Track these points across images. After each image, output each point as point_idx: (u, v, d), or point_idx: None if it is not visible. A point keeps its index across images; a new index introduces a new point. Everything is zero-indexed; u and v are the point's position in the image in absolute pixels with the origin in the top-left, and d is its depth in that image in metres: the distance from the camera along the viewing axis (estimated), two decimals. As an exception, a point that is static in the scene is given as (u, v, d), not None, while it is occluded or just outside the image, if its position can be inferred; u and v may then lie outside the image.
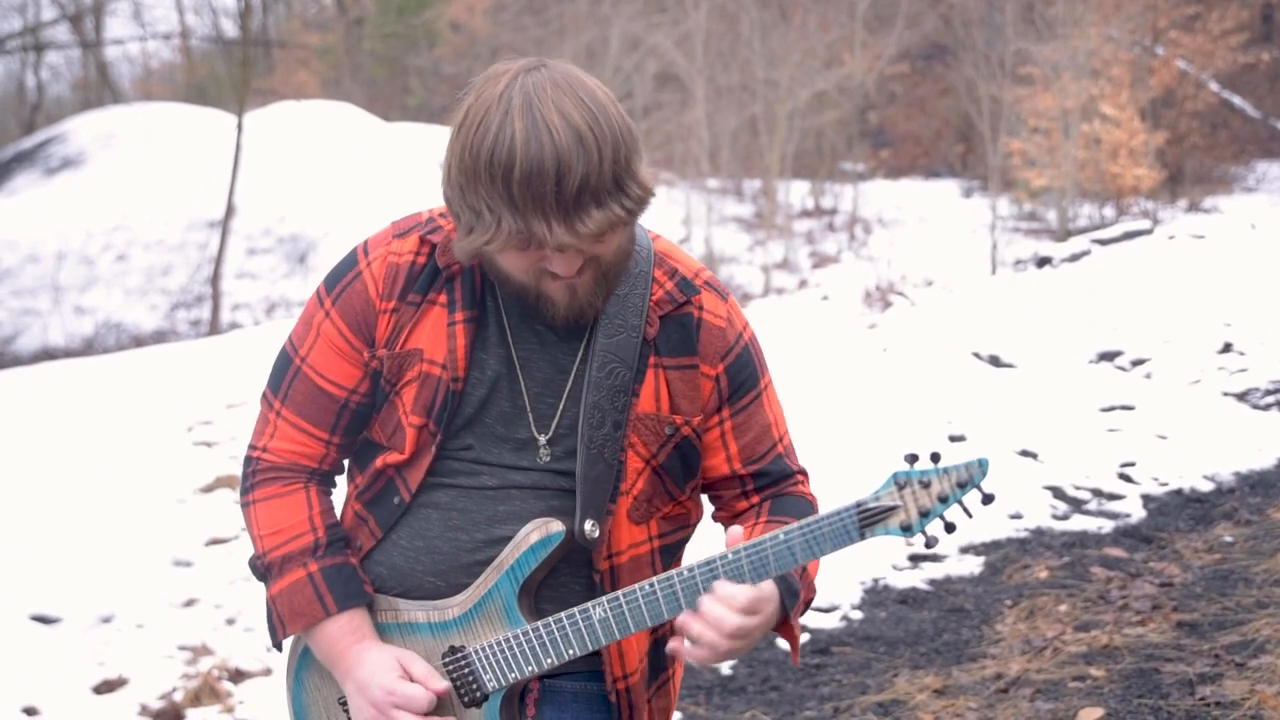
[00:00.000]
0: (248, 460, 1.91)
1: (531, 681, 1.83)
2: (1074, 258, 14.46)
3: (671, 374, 1.80)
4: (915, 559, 5.93)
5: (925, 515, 1.66)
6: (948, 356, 9.97)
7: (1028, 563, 5.68)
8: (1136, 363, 10.08)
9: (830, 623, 5.24)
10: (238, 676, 5.11)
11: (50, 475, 7.39)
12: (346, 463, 1.97)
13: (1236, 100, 28.99)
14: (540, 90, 1.59)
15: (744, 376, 1.86)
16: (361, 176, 26.38)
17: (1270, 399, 8.72)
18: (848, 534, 1.67)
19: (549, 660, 1.75)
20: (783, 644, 5.04)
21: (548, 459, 1.78)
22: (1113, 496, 6.72)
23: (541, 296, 1.70)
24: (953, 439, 7.66)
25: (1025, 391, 8.83)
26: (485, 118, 1.58)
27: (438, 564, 1.80)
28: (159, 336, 20.75)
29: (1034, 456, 7.36)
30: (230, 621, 5.61)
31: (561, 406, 1.78)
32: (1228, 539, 5.65)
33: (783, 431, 1.95)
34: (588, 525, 1.75)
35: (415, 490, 1.81)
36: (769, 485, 1.92)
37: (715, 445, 1.86)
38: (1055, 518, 6.42)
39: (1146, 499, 6.65)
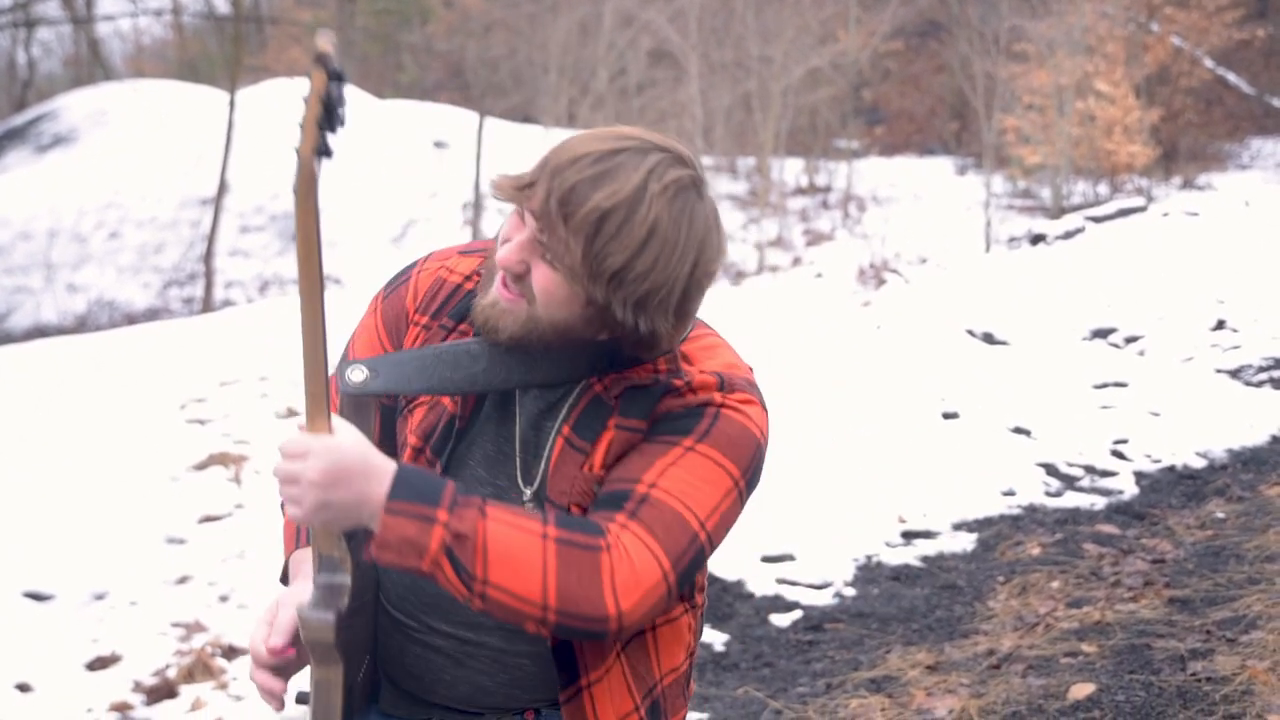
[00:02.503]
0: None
1: None
2: (1068, 235, 14.47)
3: (619, 433, 1.63)
4: (908, 536, 5.94)
5: None
6: (941, 334, 9.98)
7: (1020, 539, 5.69)
8: (1130, 340, 10.09)
9: (823, 599, 5.25)
10: (231, 653, 5.11)
11: (43, 453, 7.38)
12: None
13: (1231, 77, 28.97)
14: (664, 184, 1.52)
15: (676, 424, 1.61)
16: (354, 154, 26.30)
17: (1263, 376, 8.74)
18: None
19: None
20: (776, 620, 5.05)
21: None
22: (1105, 473, 6.73)
23: (488, 283, 1.62)
24: (946, 416, 7.67)
25: (1019, 369, 8.83)
26: (592, 149, 1.54)
27: (422, 601, 1.72)
28: (151, 314, 20.73)
29: (1027, 434, 7.37)
30: (223, 598, 5.61)
31: (542, 467, 1.67)
32: (1220, 515, 5.66)
33: (659, 485, 1.56)
34: None
35: None
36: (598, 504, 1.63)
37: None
38: (1048, 494, 6.44)
39: (1139, 476, 6.66)
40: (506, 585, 1.45)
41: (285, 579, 1.80)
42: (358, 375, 1.64)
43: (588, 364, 1.64)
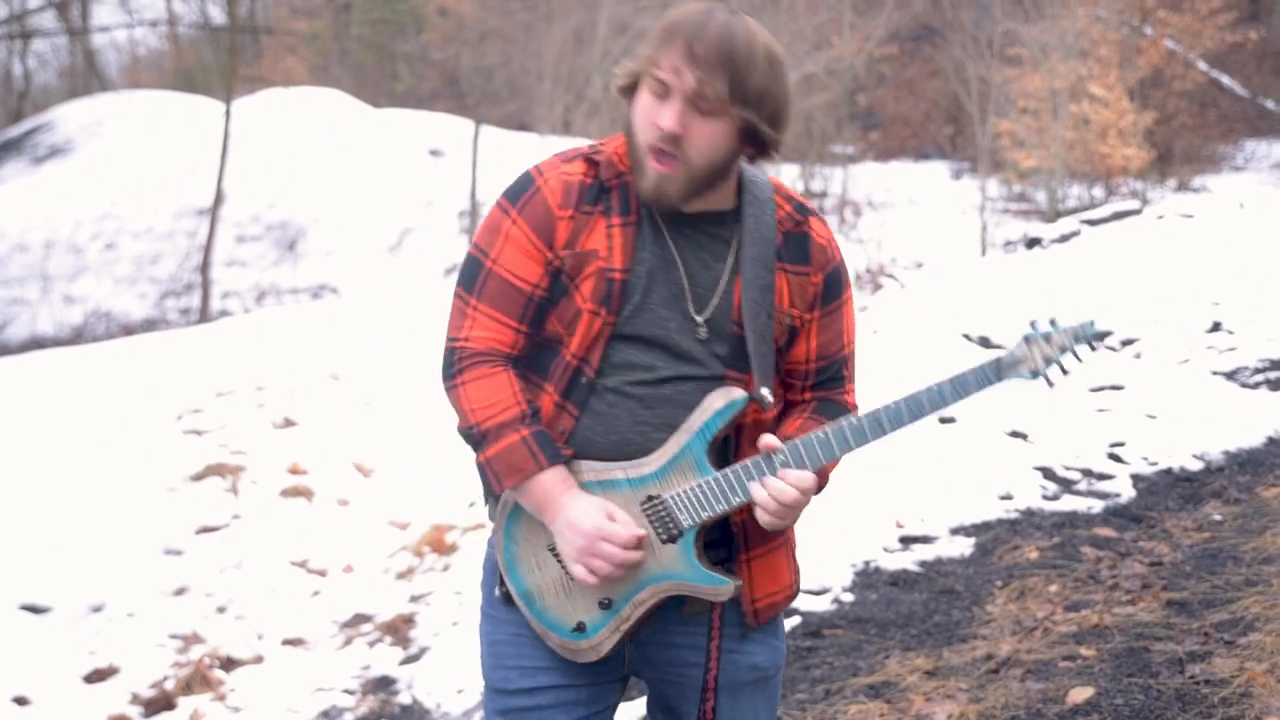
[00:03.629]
0: (449, 351, 2.21)
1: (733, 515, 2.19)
2: (1063, 238, 14.47)
3: (792, 278, 2.21)
4: (906, 540, 5.94)
5: (1049, 363, 2.08)
6: (938, 338, 9.98)
7: (1018, 543, 5.68)
8: (1126, 343, 10.09)
9: (821, 605, 5.25)
10: (229, 664, 5.11)
11: (40, 465, 7.37)
12: (535, 378, 2.25)
13: (1225, 79, 29.00)
14: (745, 20, 2.05)
15: (836, 287, 2.27)
16: (350, 162, 26.30)
17: (1259, 377, 8.74)
18: (988, 378, 2.09)
19: (737, 499, 2.10)
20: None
21: (705, 336, 2.15)
22: (1102, 476, 6.73)
23: (641, 167, 2.09)
24: (943, 420, 7.67)
25: (1015, 372, 8.81)
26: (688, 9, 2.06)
27: (630, 451, 2.14)
28: (148, 325, 20.71)
29: (1024, 437, 7.37)
30: (221, 609, 5.60)
31: (716, 300, 2.16)
32: (1217, 517, 5.66)
33: (851, 339, 2.32)
34: (764, 391, 2.14)
35: (598, 369, 2.15)
36: (825, 383, 2.30)
37: (801, 338, 2.25)
38: (1045, 498, 6.43)
39: (1136, 478, 6.66)
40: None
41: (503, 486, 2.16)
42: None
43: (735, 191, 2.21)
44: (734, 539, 2.23)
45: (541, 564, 2.20)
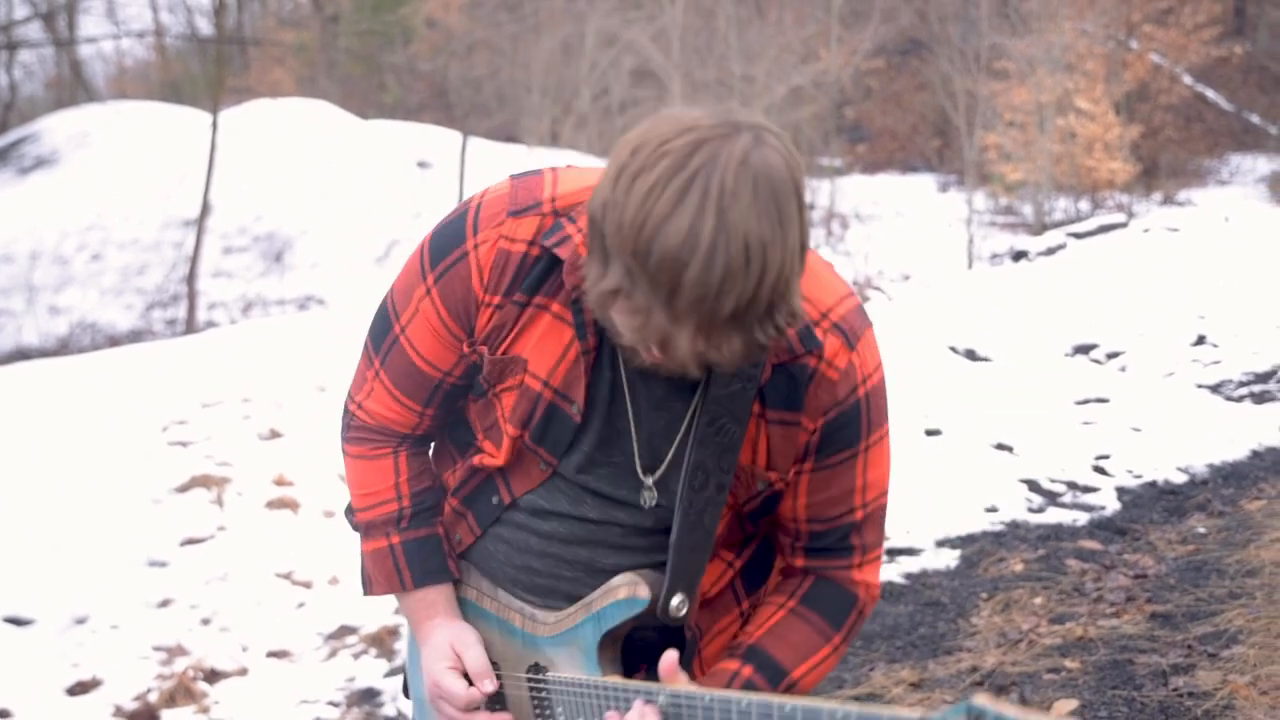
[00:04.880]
0: (346, 410, 1.86)
1: None
2: (1049, 251, 14.53)
3: (774, 428, 1.63)
4: (891, 553, 5.94)
5: None
6: (924, 350, 10.00)
7: (1003, 556, 5.69)
8: (1111, 355, 10.13)
9: (807, 617, 5.25)
10: (213, 677, 5.09)
11: (24, 476, 7.35)
12: (453, 450, 1.89)
13: (1210, 94, 29.15)
14: (736, 180, 1.31)
15: (844, 434, 1.65)
16: (337, 174, 26.29)
17: (1243, 391, 8.77)
18: None
19: None
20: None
21: (652, 503, 1.67)
22: (1087, 489, 6.74)
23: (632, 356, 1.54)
24: (929, 433, 7.68)
25: (1001, 385, 8.86)
26: (664, 189, 1.31)
27: (535, 584, 1.76)
28: (134, 336, 20.66)
29: (1009, 450, 7.38)
30: (205, 621, 5.59)
31: (670, 456, 1.65)
32: (1201, 530, 5.68)
33: (870, 499, 1.72)
34: (675, 601, 1.64)
35: (516, 496, 1.74)
36: (820, 552, 1.75)
37: (787, 495, 1.71)
38: (1030, 510, 6.44)
39: (1121, 491, 6.67)
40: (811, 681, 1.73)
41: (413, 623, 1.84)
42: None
43: None
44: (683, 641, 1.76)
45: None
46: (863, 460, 1.68)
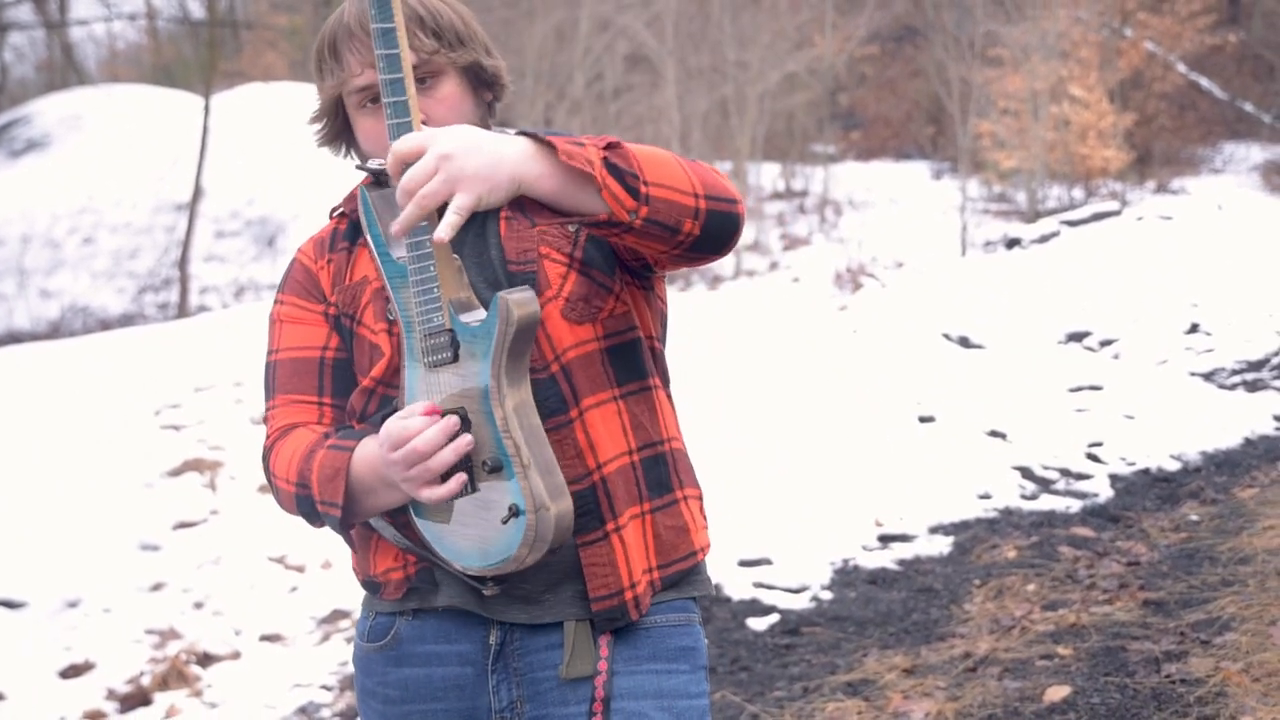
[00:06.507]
0: (264, 457, 1.95)
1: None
2: (1043, 239, 14.53)
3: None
4: (885, 539, 5.95)
5: None
6: (917, 338, 10.00)
7: (996, 542, 5.70)
8: (1105, 343, 10.14)
9: (800, 603, 5.25)
10: (206, 660, 5.09)
11: (16, 460, 7.33)
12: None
13: (1204, 82, 29.15)
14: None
15: None
16: (329, 158, 26.16)
17: (1236, 379, 8.79)
18: None
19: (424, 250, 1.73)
20: (753, 624, 5.04)
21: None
22: (1081, 476, 6.76)
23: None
24: (922, 420, 7.69)
25: (994, 372, 8.86)
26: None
27: None
28: (126, 320, 20.60)
29: (1003, 437, 7.40)
30: (198, 605, 5.58)
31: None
32: (1194, 518, 5.69)
33: None
34: (522, 294, 1.69)
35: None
36: None
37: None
38: (1024, 498, 6.46)
39: (1114, 478, 6.69)
40: (664, 180, 1.64)
41: (347, 507, 1.80)
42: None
43: None
44: (596, 501, 1.80)
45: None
46: None
